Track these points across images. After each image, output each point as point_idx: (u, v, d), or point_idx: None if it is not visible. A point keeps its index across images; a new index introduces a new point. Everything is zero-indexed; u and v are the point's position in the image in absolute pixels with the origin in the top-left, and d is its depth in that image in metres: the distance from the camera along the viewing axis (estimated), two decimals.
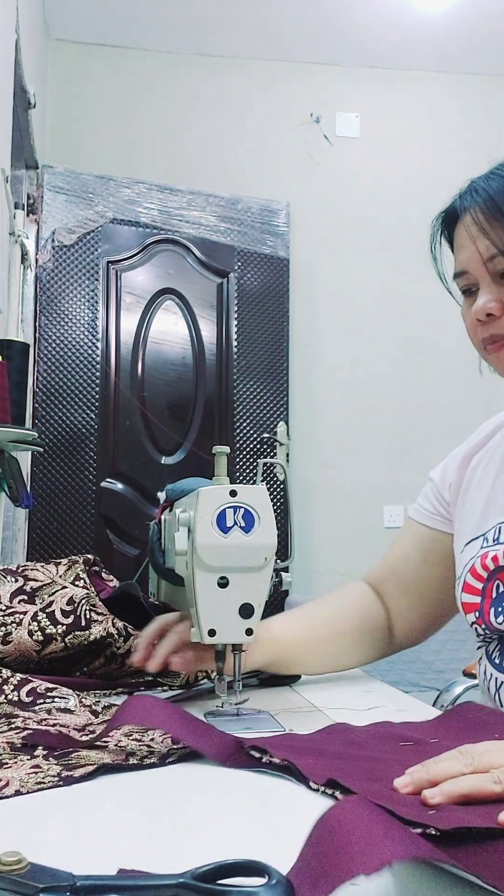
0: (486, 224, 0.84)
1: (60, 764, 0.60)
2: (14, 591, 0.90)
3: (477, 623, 0.90)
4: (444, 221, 0.92)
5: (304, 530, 3.53)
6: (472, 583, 0.91)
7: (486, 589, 0.89)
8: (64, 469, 3.14)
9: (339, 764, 0.58)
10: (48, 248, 3.16)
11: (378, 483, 3.64)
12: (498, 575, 0.88)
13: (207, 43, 3.63)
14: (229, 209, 3.44)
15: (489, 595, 0.89)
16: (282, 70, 3.75)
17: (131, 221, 3.31)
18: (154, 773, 0.61)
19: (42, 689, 0.78)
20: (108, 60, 3.63)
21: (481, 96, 3.87)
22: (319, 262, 3.68)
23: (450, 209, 0.91)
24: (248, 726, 0.74)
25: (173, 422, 3.32)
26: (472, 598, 0.91)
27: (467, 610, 0.92)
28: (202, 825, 0.51)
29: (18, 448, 1.78)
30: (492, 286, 0.85)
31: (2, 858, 0.38)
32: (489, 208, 0.85)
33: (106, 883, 0.38)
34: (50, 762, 0.61)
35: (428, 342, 3.61)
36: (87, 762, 0.61)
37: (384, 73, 3.82)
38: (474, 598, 0.90)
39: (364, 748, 0.63)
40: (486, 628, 0.89)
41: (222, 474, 0.82)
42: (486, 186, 0.87)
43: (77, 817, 0.52)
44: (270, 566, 0.78)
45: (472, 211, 0.86)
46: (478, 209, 0.86)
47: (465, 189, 0.90)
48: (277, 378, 3.43)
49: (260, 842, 0.48)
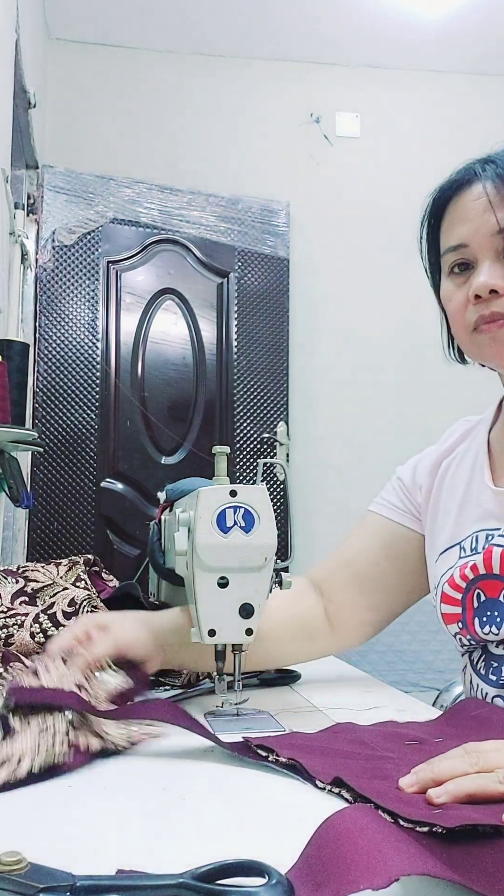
0: (498, 197, 0.81)
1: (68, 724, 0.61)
2: (15, 593, 0.90)
3: (461, 634, 0.89)
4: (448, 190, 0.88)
5: (304, 530, 3.53)
6: (450, 593, 0.89)
7: (467, 599, 0.88)
8: (64, 469, 3.14)
9: (345, 762, 0.58)
10: (48, 248, 3.16)
11: (378, 483, 3.61)
12: (477, 584, 0.87)
13: (207, 43, 3.63)
14: (229, 209, 3.44)
15: (470, 605, 0.87)
16: (282, 70, 3.75)
17: (131, 221, 3.31)
18: (154, 773, 0.61)
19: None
20: (108, 60, 3.62)
21: (481, 96, 3.87)
22: (319, 262, 3.68)
23: (455, 179, 0.87)
24: (249, 726, 0.74)
25: (173, 422, 3.32)
26: (452, 608, 0.89)
27: (448, 621, 0.90)
28: (202, 825, 0.51)
29: (18, 448, 1.78)
30: (497, 261, 0.82)
31: (2, 858, 0.38)
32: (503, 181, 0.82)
33: (105, 883, 0.38)
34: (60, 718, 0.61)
35: (428, 342, 3.61)
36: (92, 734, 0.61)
37: (384, 73, 3.82)
38: (454, 608, 0.89)
39: (369, 747, 0.63)
40: (471, 638, 0.88)
41: (222, 474, 0.82)
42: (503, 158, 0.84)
43: (77, 817, 0.52)
44: (270, 566, 0.78)
45: (485, 182, 0.83)
46: (489, 183, 0.82)
47: (479, 160, 0.86)
48: (277, 378, 3.43)
49: (260, 842, 0.48)
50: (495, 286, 0.81)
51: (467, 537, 0.91)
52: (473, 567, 0.87)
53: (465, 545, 0.91)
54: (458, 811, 0.46)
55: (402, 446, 3.65)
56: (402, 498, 1.03)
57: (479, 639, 0.87)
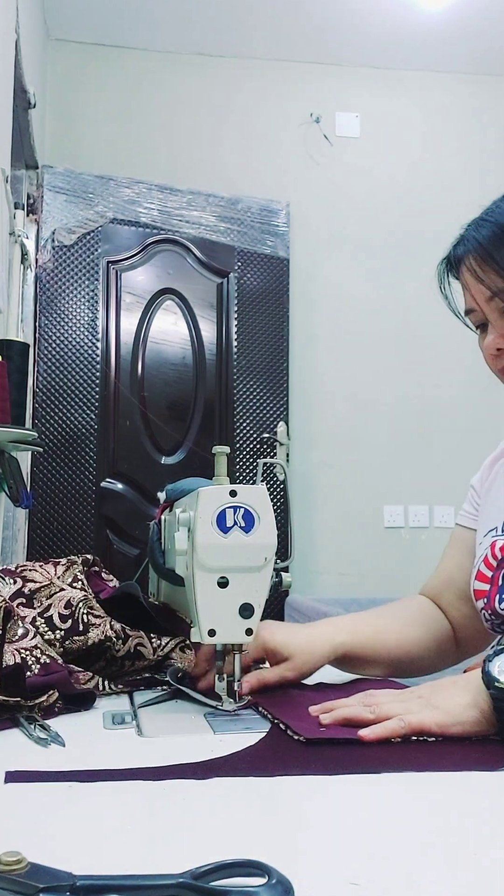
0: (480, 271, 0.90)
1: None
2: (13, 595, 0.90)
3: (485, 609, 0.94)
4: (448, 264, 0.96)
5: (304, 530, 3.53)
6: (484, 571, 0.95)
7: (495, 577, 0.93)
8: (64, 469, 3.14)
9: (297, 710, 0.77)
10: (48, 248, 3.16)
11: (378, 483, 3.64)
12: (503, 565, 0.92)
13: (207, 43, 3.63)
14: (229, 209, 3.44)
15: (496, 582, 0.92)
16: (282, 70, 3.75)
17: (131, 221, 3.31)
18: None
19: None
20: (108, 60, 3.63)
21: (481, 96, 3.87)
22: (319, 262, 3.68)
23: (449, 255, 0.96)
24: (248, 726, 0.74)
25: (173, 422, 3.32)
26: (482, 585, 0.94)
27: (477, 597, 0.95)
28: (202, 825, 0.51)
29: (18, 448, 1.78)
30: (498, 322, 0.90)
31: (2, 858, 0.38)
32: (481, 255, 0.89)
33: (106, 883, 0.38)
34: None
35: (428, 342, 3.61)
36: None
37: (384, 73, 3.82)
38: (485, 585, 0.94)
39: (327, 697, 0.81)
40: (491, 614, 0.93)
41: (222, 474, 0.82)
42: (476, 235, 0.91)
43: (77, 817, 0.52)
44: (270, 566, 0.78)
45: (467, 259, 0.91)
46: (471, 257, 0.91)
47: (458, 238, 0.94)
48: (277, 378, 3.44)
49: (260, 842, 0.48)
50: (500, 345, 0.91)
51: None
52: (502, 548, 0.93)
53: (500, 526, 0.96)
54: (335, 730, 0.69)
55: (402, 446, 3.66)
56: (475, 505, 1.08)
57: (498, 615, 0.91)
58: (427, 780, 0.60)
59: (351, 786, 0.59)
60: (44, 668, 0.79)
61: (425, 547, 3.55)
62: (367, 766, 0.62)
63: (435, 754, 0.65)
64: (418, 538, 3.61)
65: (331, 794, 0.58)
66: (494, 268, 0.88)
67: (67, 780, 0.58)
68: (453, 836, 0.49)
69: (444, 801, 0.56)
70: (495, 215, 0.90)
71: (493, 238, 0.89)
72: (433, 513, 3.64)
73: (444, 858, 0.46)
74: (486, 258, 0.89)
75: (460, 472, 1.15)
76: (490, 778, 0.60)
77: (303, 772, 0.61)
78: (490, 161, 3.74)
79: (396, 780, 0.60)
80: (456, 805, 0.55)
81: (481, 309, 0.91)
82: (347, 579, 3.57)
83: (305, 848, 0.47)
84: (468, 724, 0.69)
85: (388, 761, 0.63)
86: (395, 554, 3.55)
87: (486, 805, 0.56)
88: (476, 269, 0.90)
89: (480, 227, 0.91)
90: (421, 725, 0.68)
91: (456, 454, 3.50)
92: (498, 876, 0.43)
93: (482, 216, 0.92)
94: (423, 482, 3.65)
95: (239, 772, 0.61)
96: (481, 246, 0.89)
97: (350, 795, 0.57)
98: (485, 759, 0.64)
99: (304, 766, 0.62)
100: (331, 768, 0.61)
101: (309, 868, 0.44)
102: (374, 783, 0.59)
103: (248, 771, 0.61)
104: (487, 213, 0.92)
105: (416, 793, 0.58)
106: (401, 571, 3.49)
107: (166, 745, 0.68)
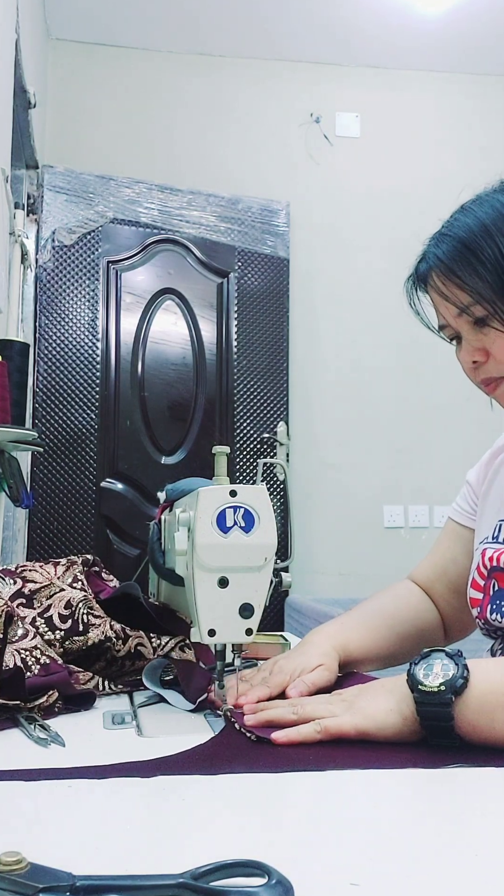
0: (444, 288, 0.88)
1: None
2: (13, 595, 0.90)
3: (479, 618, 0.94)
4: (415, 282, 0.95)
5: (304, 530, 3.53)
6: (477, 579, 0.95)
7: (486, 586, 0.93)
8: (64, 469, 3.14)
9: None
10: (48, 248, 3.16)
11: (378, 483, 3.64)
12: (494, 574, 0.91)
13: (207, 43, 3.63)
14: (229, 209, 3.44)
15: (488, 592, 0.92)
16: (282, 70, 3.75)
17: (131, 221, 3.31)
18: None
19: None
20: (108, 60, 3.62)
21: (481, 96, 3.87)
22: (319, 262, 3.68)
23: (413, 273, 0.95)
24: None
25: (173, 422, 3.32)
26: (476, 594, 0.95)
27: (472, 605, 0.96)
28: (202, 825, 0.51)
29: (18, 448, 1.78)
30: (469, 336, 0.89)
31: (2, 858, 0.38)
32: (443, 272, 0.88)
33: (105, 883, 0.38)
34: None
35: (427, 342, 3.59)
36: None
37: (384, 73, 3.82)
38: (478, 594, 0.94)
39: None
40: (484, 623, 0.93)
41: (222, 474, 0.82)
42: (436, 251, 0.89)
43: (77, 817, 0.52)
44: (270, 566, 0.78)
45: (430, 276, 0.90)
46: (433, 274, 0.89)
47: (421, 254, 0.93)
48: (277, 378, 3.43)
49: (260, 842, 0.48)
50: (475, 357, 0.90)
51: (496, 526, 0.96)
52: (491, 558, 0.92)
53: (493, 534, 0.96)
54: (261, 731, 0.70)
55: (401, 446, 3.66)
56: (469, 502, 1.07)
57: (490, 626, 0.92)
58: (427, 779, 0.60)
59: (351, 785, 0.59)
60: (44, 668, 0.79)
61: (425, 547, 3.51)
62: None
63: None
64: (418, 538, 3.61)
65: (331, 793, 0.58)
66: (458, 283, 0.86)
67: (67, 778, 0.58)
68: (453, 836, 0.49)
69: (443, 799, 0.56)
70: (454, 229, 0.87)
71: (454, 254, 0.86)
72: (433, 513, 3.64)
73: (443, 858, 0.46)
74: (449, 275, 0.87)
75: (460, 473, 1.15)
76: (490, 776, 0.60)
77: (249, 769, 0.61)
78: (490, 161, 3.74)
79: (396, 778, 0.60)
80: (458, 803, 0.55)
81: (451, 324, 0.90)
82: (347, 579, 3.56)
83: (306, 848, 0.47)
84: (388, 730, 0.67)
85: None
86: (395, 554, 3.55)
87: (489, 805, 0.56)
88: (440, 286, 0.88)
89: (440, 243, 0.88)
90: (339, 729, 0.67)
91: (456, 454, 3.50)
92: (498, 876, 0.43)
93: (442, 230, 0.90)
94: (423, 482, 3.65)
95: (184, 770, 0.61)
96: (443, 263, 0.87)
97: (350, 795, 0.57)
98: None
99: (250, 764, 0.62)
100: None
101: (309, 868, 0.44)
102: (374, 783, 0.59)
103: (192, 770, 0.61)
104: (446, 226, 0.90)
105: (415, 791, 0.58)
106: (401, 571, 3.46)
107: (166, 745, 0.68)
